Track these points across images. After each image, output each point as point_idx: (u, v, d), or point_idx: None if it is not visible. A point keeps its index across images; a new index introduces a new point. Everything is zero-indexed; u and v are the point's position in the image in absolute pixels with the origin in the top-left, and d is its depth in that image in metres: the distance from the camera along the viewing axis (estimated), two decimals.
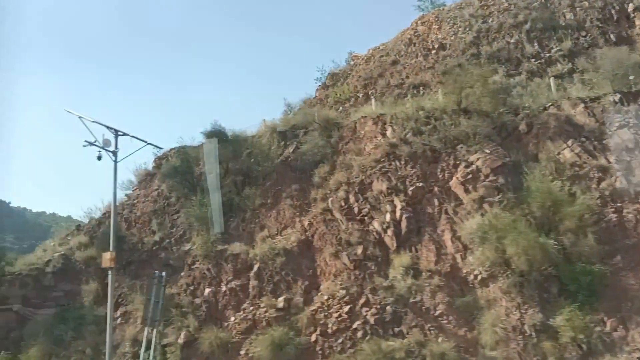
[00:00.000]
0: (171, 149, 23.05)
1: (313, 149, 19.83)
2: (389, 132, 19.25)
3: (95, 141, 15.22)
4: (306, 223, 17.97)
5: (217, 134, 20.44)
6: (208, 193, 19.00)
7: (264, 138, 21.49)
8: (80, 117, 15.38)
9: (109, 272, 15.38)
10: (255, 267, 17.11)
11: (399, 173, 17.91)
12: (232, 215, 19.09)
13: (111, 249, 15.45)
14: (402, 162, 18.14)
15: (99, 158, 15.52)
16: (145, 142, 16.58)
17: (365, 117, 20.38)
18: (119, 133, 15.67)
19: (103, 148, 15.38)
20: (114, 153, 15.70)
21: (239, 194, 19.58)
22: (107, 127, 15.40)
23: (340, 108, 25.54)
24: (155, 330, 14.53)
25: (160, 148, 20.16)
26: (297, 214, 18.44)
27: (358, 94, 26.04)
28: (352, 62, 29.51)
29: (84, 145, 15.11)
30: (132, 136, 15.97)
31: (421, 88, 24.49)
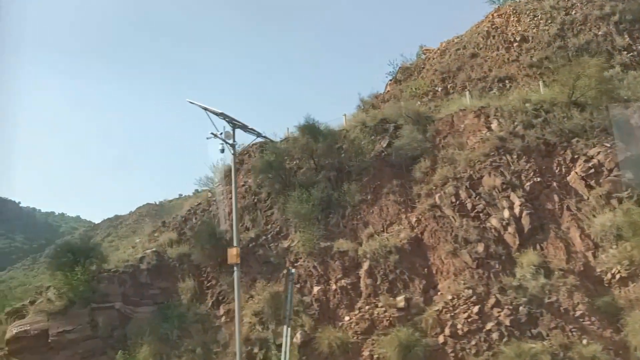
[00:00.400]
0: (253, 144, 22.54)
1: (411, 143, 19.13)
2: (494, 126, 18.50)
3: (221, 133, 14.72)
4: (413, 219, 17.28)
5: (310, 128, 19.81)
6: (306, 189, 18.40)
7: (353, 133, 20.85)
8: (205, 108, 14.87)
9: (235, 268, 14.84)
10: (366, 265, 16.44)
11: (512, 168, 17.16)
12: (330, 212, 18.46)
13: (235, 243, 14.91)
14: (514, 157, 17.39)
15: (222, 151, 15.07)
16: (260, 134, 16.01)
17: (464, 110, 19.65)
18: (237, 125, 15.12)
19: (225, 141, 14.88)
20: (232, 146, 15.18)
21: (337, 190, 18.94)
22: (228, 121, 14.85)
23: (419, 103, 24.79)
24: (287, 329, 13.90)
25: (274, 142, 19.35)
26: (402, 210, 17.75)
27: (436, 88, 25.28)
28: (423, 56, 28.75)
29: (208, 138, 14.64)
30: (250, 129, 15.41)
31: (507, 81, 23.70)
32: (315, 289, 16.51)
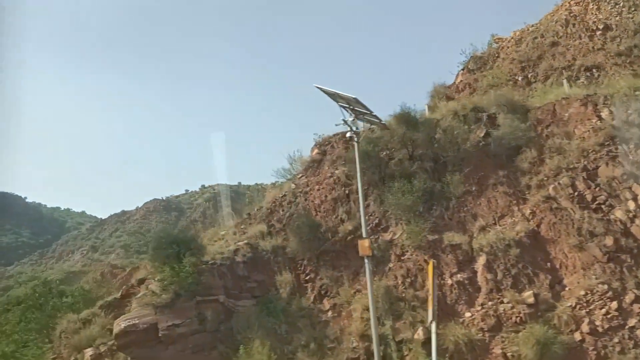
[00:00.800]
0: (335, 135, 21.90)
1: (514, 132, 18.42)
2: (605, 114, 17.74)
3: (352, 120, 14.08)
4: (527, 212, 16.59)
5: (405, 117, 19.13)
6: (408, 180, 17.76)
7: (445, 122, 20.14)
8: (335, 93, 14.24)
9: (366, 259, 14.23)
10: (482, 259, 15.80)
11: (631, 158, 16.42)
12: (433, 204, 17.81)
13: (364, 235, 14.32)
14: (632, 146, 16.65)
15: (351, 138, 14.44)
16: (380, 120, 15.33)
17: (567, 98, 18.89)
18: (360, 112, 14.49)
19: (352, 129, 14.27)
20: (357, 134, 14.56)
21: (436, 181, 18.29)
22: (352, 108, 14.21)
23: (498, 92, 24.03)
24: (433, 325, 13.28)
25: (387, 128, 18.47)
26: (513, 202, 17.07)
27: (516, 77, 24.51)
28: (494, 45, 27.93)
29: (337, 125, 14.01)
30: (374, 116, 14.76)
31: (594, 70, 22.91)
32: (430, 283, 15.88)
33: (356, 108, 15.18)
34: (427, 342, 14.56)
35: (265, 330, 15.80)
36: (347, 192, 19.58)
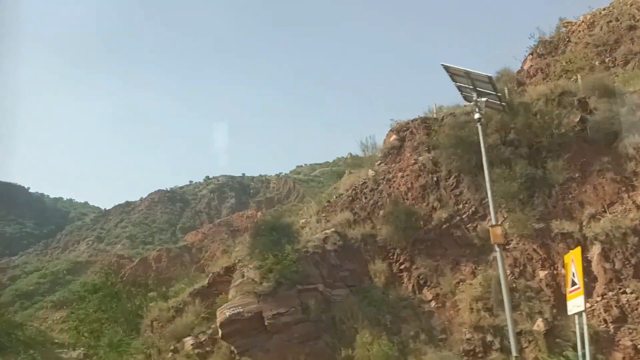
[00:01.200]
0: (413, 120, 21.23)
1: (614, 117, 17.70)
2: None
3: (485, 100, 13.41)
4: (639, 199, 15.94)
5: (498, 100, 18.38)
6: (508, 166, 17.10)
7: (535, 106, 19.40)
8: (467, 71, 13.57)
9: (497, 247, 13.60)
10: (597, 248, 15.19)
11: None
12: (535, 191, 17.14)
13: (493, 222, 13.71)
14: None
15: (479, 120, 13.80)
16: (501, 102, 14.62)
17: None
18: (483, 94, 13.81)
19: (478, 110, 13.62)
20: (479, 120, 13.93)
21: (533, 167, 17.60)
22: (474, 89, 13.52)
23: (574, 77, 23.26)
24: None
25: (504, 110, 17.52)
26: (622, 189, 16.41)
27: (592, 61, 23.71)
28: (563, 29, 27.09)
29: (466, 105, 13.28)
30: (496, 98, 14.06)
31: None
32: (542, 273, 15.31)
33: (478, 88, 14.50)
34: (548, 334, 14.06)
35: (369, 321, 15.27)
36: (435, 178, 18.93)
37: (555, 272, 15.24)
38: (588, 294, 14.70)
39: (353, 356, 14.38)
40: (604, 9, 26.36)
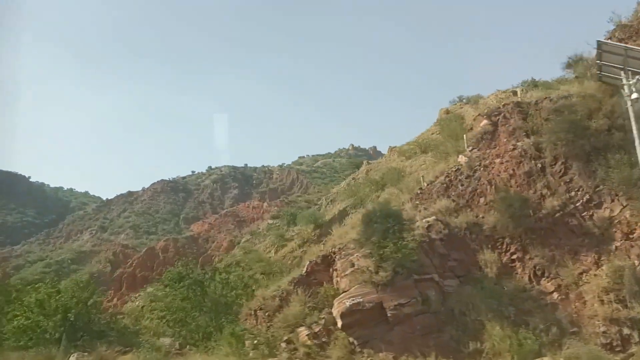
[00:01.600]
0: (504, 104, 20.29)
1: None
2: None
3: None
4: None
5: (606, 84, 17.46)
6: (626, 151, 16.17)
7: None
8: (628, 47, 12.59)
9: None
10: None
11: None
12: None
13: None
14: None
15: (637, 99, 12.91)
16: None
17: None
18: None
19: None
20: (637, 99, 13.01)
21: None
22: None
23: None
24: None
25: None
26: None
27: None
28: None
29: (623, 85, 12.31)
30: None
31: None
32: None
33: (629, 68, 13.55)
34: None
35: (492, 313, 14.39)
36: (539, 165, 17.99)
37: None
38: None
39: (482, 350, 13.52)
40: None
